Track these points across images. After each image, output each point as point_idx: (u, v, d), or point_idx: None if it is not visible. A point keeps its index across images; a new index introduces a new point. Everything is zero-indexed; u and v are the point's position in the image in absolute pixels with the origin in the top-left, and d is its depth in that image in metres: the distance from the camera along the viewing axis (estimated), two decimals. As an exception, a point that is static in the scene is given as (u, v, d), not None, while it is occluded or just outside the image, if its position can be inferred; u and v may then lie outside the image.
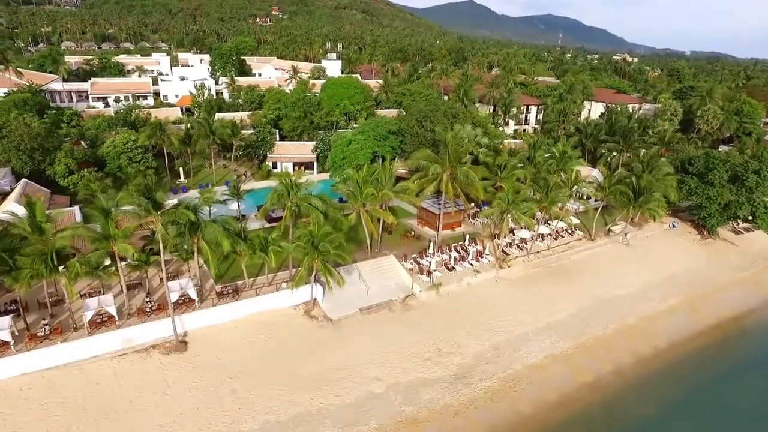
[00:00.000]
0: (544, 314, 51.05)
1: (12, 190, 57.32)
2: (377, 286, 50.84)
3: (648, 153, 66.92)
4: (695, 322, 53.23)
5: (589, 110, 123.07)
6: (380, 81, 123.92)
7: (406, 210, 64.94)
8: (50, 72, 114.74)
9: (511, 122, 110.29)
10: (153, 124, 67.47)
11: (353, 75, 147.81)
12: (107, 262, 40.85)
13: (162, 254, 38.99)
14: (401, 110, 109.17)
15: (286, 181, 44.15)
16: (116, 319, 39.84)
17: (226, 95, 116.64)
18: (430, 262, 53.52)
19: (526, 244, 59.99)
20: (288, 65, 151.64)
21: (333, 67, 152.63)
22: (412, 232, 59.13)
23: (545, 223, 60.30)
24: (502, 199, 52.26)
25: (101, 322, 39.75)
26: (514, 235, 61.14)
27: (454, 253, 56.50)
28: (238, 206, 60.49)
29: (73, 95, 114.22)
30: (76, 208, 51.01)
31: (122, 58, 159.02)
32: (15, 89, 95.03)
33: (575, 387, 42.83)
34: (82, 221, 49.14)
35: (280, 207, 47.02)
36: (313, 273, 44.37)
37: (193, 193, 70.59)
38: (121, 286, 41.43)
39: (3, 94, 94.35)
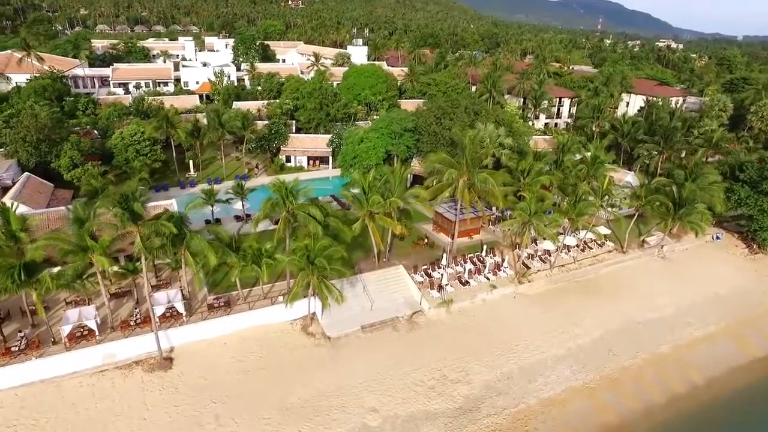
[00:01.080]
0: (566, 338, 46.00)
1: (14, 184, 55.42)
2: (383, 300, 46.74)
3: (693, 158, 59.79)
4: (740, 354, 47.09)
5: (627, 104, 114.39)
6: (405, 69, 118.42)
7: (422, 213, 60.27)
8: (73, 57, 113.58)
9: (542, 116, 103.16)
10: (160, 115, 64.40)
11: (379, 62, 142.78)
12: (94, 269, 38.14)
13: (144, 268, 35.80)
14: (425, 99, 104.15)
15: (282, 189, 40.13)
16: (96, 333, 37.09)
17: (247, 82, 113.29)
18: (441, 275, 48.97)
19: (549, 256, 54.62)
20: (314, 50, 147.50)
21: (358, 53, 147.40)
22: (425, 240, 54.54)
23: (572, 233, 54.64)
24: (523, 210, 46.99)
25: (81, 336, 37.09)
26: (536, 245, 55.78)
27: (469, 265, 51.71)
28: (243, 206, 57.13)
29: (96, 81, 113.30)
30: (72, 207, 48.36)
31: (149, 43, 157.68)
32: (37, 75, 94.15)
33: (596, 429, 37.94)
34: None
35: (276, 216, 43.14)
36: (311, 288, 40.54)
37: (201, 188, 68.02)
38: (106, 298, 38.52)
39: (25, 80, 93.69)
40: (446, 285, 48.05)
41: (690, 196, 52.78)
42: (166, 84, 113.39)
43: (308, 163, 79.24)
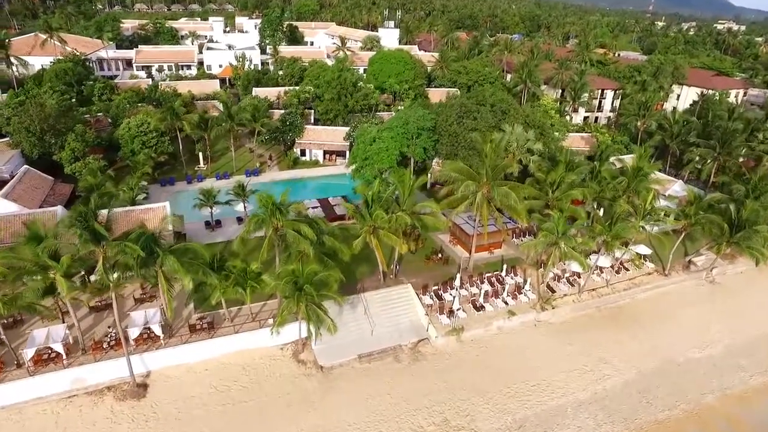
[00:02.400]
0: (592, 378, 39.95)
1: (12, 177, 52.90)
2: (386, 324, 41.79)
3: (757, 170, 51.24)
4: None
5: (678, 96, 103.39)
6: (435, 55, 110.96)
7: (439, 220, 54.34)
8: (97, 38, 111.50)
9: (581, 109, 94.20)
10: (165, 106, 60.48)
11: (410, 46, 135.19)
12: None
13: (113, 293, 31.91)
14: (455, 89, 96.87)
15: (269, 204, 35.22)
16: (64, 357, 33.74)
17: (272, 67, 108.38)
18: (453, 298, 43.49)
19: (578, 278, 48.11)
20: (343, 33, 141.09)
21: (389, 36, 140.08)
22: (440, 255, 48.90)
23: (606, 253, 47.80)
24: (549, 231, 40.63)
25: (49, 358, 33.86)
26: (564, 265, 49.24)
27: (486, 286, 45.97)
28: (244, 207, 52.87)
29: (121, 63, 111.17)
30: (58, 208, 45.24)
31: (178, 23, 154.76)
32: (60, 57, 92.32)
33: (621, 500, 32.22)
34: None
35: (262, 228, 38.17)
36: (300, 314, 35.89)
37: (209, 183, 64.31)
38: (75, 319, 35.02)
39: (50, 63, 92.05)
40: (458, 309, 42.56)
41: (751, 216, 44.89)
42: (189, 67, 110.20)
43: (324, 158, 74.33)
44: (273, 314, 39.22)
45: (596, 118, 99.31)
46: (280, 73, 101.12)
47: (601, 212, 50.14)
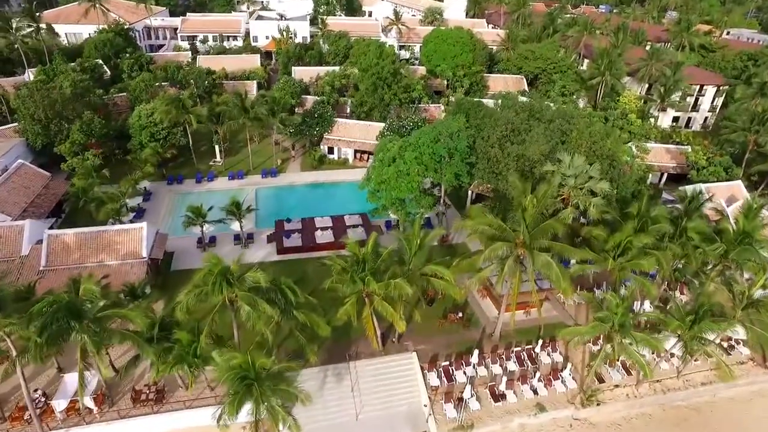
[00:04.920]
0: None
1: (4, 172, 48.22)
2: (377, 409, 32.92)
3: None
4: None
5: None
6: (502, 33, 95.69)
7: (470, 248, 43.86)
8: (144, 5, 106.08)
9: (670, 110, 76.85)
10: (169, 98, 53.05)
11: (476, 20, 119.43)
12: None
13: (19, 370, 25.30)
14: (520, 76, 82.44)
15: (217, 271, 26.53)
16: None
17: (323, 42, 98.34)
18: (467, 379, 33.67)
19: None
20: (409, 2, 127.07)
21: (455, 7, 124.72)
22: (460, 315, 38.66)
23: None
24: (603, 320, 29.23)
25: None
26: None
27: (512, 364, 35.56)
28: (240, 226, 45.04)
29: (167, 32, 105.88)
30: (26, 222, 39.40)
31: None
32: (104, 26, 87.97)
33: None
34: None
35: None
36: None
37: (219, 184, 57.31)
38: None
39: (94, 32, 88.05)
40: (469, 398, 32.71)
41: None
42: (235, 38, 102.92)
43: (354, 157, 64.74)
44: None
45: (689, 119, 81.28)
46: (325, 47, 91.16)
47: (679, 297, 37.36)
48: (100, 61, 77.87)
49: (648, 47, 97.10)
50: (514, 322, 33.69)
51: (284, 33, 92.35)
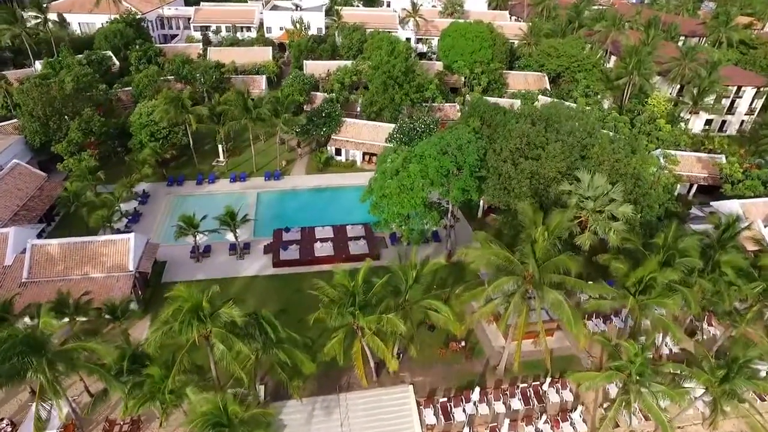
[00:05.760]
0: None
1: (-1, 172, 46.67)
2: (366, 446, 30.43)
3: None
4: None
5: None
6: (524, 26, 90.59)
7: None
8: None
9: (703, 113, 71.34)
10: (169, 96, 50.63)
11: (498, 12, 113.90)
12: None
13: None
14: (543, 73, 77.63)
15: (191, 300, 23.94)
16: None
17: (338, 35, 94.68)
18: (466, 420, 30.78)
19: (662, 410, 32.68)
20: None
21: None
22: (464, 344, 35.58)
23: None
24: (620, 369, 25.88)
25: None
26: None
27: (515, 401, 32.48)
28: (235, 236, 42.62)
29: (181, 22, 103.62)
30: (11, 230, 37.65)
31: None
32: (116, 16, 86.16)
33: None
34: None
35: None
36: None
37: (221, 186, 55.02)
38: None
39: (106, 21, 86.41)
40: (468, 441, 29.88)
41: None
42: (249, 29, 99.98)
43: (363, 159, 61.60)
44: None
45: (723, 122, 75.53)
46: (339, 40, 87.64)
47: (708, 329, 33.49)
48: (109, 53, 76.13)
49: (681, 42, 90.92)
50: (520, 364, 30.43)
51: (297, 25, 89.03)
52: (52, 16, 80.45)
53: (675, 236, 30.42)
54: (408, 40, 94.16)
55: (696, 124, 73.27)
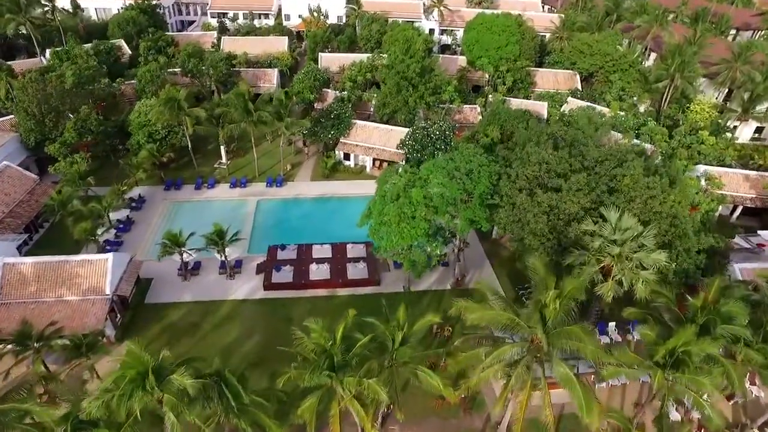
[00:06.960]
0: None
1: (-12, 174, 44.51)
2: None
3: None
4: None
5: None
6: (557, 19, 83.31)
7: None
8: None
9: (753, 121, 63.84)
10: (167, 96, 47.26)
11: (530, 1, 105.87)
12: None
13: None
14: (573, 72, 70.95)
15: (137, 367, 20.67)
16: None
17: (358, 25, 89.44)
18: (459, 490, 27.03)
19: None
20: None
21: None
22: (464, 397, 31.52)
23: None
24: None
25: None
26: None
27: (519, 469, 28.44)
28: (225, 256, 39.40)
29: (198, 9, 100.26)
30: (-13, 246, 35.50)
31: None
32: (131, 2, 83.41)
33: None
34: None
35: None
36: None
37: (219, 192, 51.89)
38: None
39: (121, 7, 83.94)
40: None
41: None
42: (266, 16, 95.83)
43: (373, 165, 57.32)
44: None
45: (775, 131, 67.61)
46: (358, 32, 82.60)
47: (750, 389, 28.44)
48: (119, 42, 73.43)
49: (732, 37, 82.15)
50: (522, 429, 26.31)
51: (315, 13, 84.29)
52: (66, 3, 77.97)
53: (716, 296, 25.40)
54: (431, 31, 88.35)
55: (744, 132, 65.69)
